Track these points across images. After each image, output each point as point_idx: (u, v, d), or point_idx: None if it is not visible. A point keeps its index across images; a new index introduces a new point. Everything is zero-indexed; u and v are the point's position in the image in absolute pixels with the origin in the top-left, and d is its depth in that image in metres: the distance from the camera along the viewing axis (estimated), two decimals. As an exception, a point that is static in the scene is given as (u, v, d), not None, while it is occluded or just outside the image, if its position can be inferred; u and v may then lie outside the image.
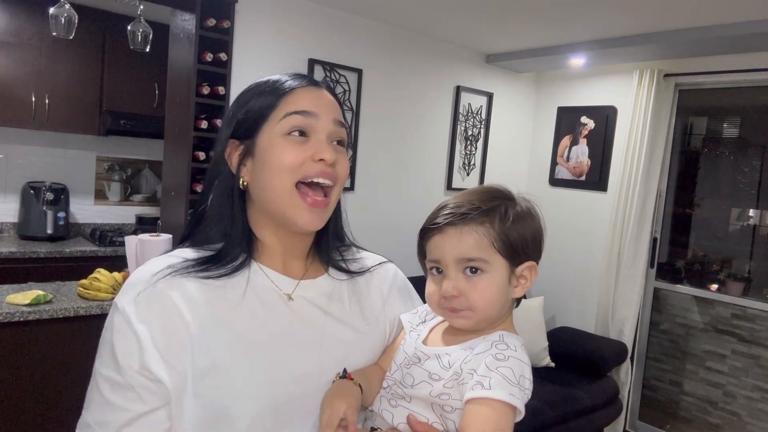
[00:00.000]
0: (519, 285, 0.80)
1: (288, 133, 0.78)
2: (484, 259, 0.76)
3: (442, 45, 3.47)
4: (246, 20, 2.66)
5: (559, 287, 3.84)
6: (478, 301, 0.77)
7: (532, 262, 0.80)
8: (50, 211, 3.30)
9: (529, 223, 0.80)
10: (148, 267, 0.78)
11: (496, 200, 0.79)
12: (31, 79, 3.19)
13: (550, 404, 2.79)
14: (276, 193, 0.78)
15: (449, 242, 0.78)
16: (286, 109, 0.79)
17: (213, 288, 0.77)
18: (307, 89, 0.82)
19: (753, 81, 3.06)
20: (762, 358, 3.14)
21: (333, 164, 0.80)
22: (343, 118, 0.86)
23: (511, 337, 0.78)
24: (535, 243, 0.80)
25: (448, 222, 0.77)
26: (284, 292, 0.82)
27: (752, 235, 3.33)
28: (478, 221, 0.76)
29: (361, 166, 3.19)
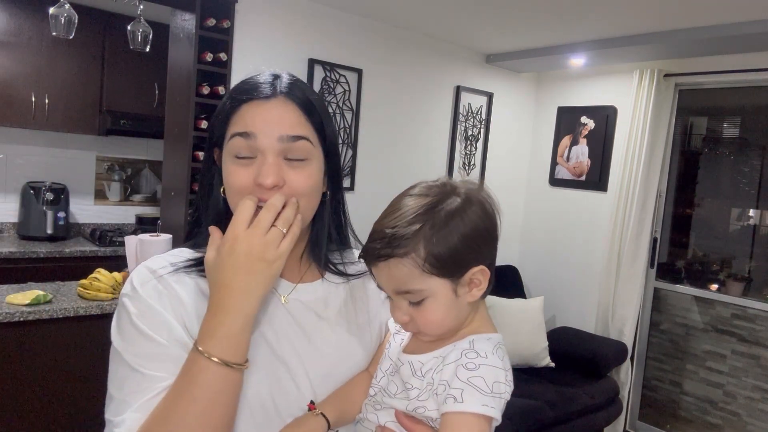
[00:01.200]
0: (471, 291, 0.75)
1: (235, 156, 0.76)
2: (418, 289, 0.72)
3: (442, 45, 3.47)
4: (246, 20, 2.66)
5: (559, 287, 3.84)
6: (427, 326, 0.75)
7: (479, 266, 0.74)
8: (50, 211, 3.30)
9: (461, 228, 0.72)
10: (151, 263, 0.79)
11: (420, 217, 0.71)
12: (31, 79, 3.19)
13: (550, 404, 2.79)
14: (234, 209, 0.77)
15: (382, 277, 0.75)
16: (232, 129, 0.77)
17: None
18: (251, 105, 0.77)
19: (753, 81, 3.06)
20: (762, 358, 3.14)
21: (277, 186, 0.75)
22: (305, 127, 0.78)
23: (482, 341, 0.76)
24: (473, 246, 0.73)
25: (375, 258, 0.73)
26: (281, 295, 0.82)
27: (752, 235, 3.33)
28: (401, 253, 0.71)
29: (361, 166, 3.18)
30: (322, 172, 0.81)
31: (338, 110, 3.02)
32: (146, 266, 0.79)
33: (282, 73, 0.82)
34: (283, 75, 0.81)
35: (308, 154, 0.78)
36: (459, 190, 0.75)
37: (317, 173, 0.80)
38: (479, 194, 0.77)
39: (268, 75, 0.80)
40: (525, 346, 3.22)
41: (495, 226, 0.77)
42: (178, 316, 0.75)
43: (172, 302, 0.75)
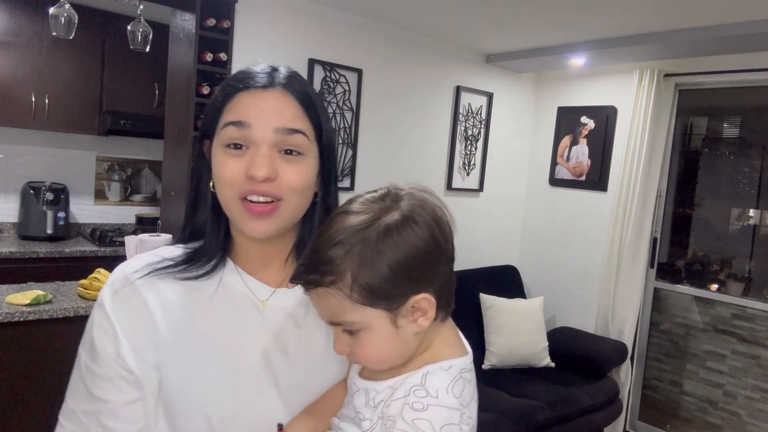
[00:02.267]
0: (416, 321, 0.66)
1: (227, 145, 0.73)
2: (350, 321, 0.64)
3: (442, 45, 3.47)
4: (246, 20, 2.66)
5: (559, 287, 3.84)
6: (367, 359, 0.67)
7: (421, 295, 0.65)
8: (50, 211, 3.30)
9: (394, 253, 0.62)
10: (127, 265, 0.78)
11: (348, 238, 0.63)
12: (31, 79, 3.19)
13: (550, 404, 2.79)
14: (224, 203, 0.75)
15: (316, 304, 0.68)
16: (226, 117, 0.74)
17: (190, 289, 0.77)
18: (248, 93, 0.74)
19: (753, 81, 3.06)
20: (762, 358, 3.14)
21: (269, 179, 0.71)
22: (302, 121, 0.75)
23: (437, 374, 0.66)
24: (409, 274, 0.63)
25: (303, 284, 0.66)
26: (258, 299, 0.79)
27: (752, 235, 3.33)
28: (327, 281, 0.63)
29: (361, 166, 3.18)
30: (316, 171, 0.78)
31: (338, 110, 3.02)
32: (122, 270, 0.78)
33: (280, 66, 0.79)
34: (281, 68, 0.78)
35: (304, 149, 0.75)
36: (400, 203, 0.66)
37: (311, 170, 0.77)
38: (424, 207, 0.67)
39: (265, 66, 0.78)
40: (525, 346, 3.22)
41: (440, 245, 0.68)
42: (138, 325, 0.74)
43: (134, 311, 0.74)
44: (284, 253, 0.82)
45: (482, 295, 3.35)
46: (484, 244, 3.91)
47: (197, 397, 0.73)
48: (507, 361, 3.21)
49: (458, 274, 2.84)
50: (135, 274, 0.76)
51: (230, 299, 0.78)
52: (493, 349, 3.23)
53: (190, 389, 0.73)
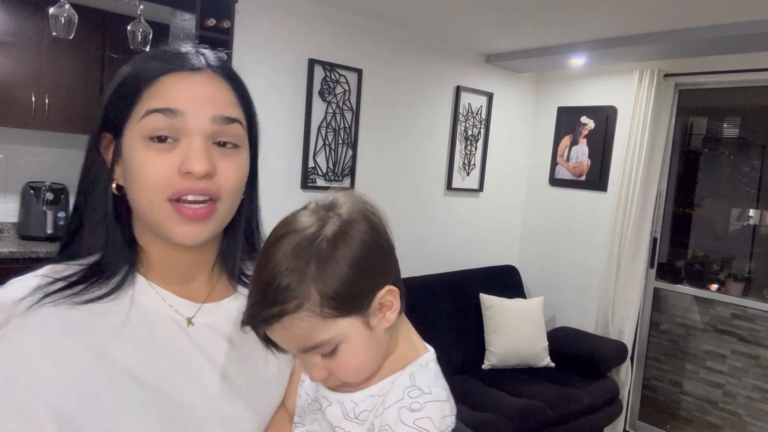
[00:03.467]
0: (385, 315, 0.65)
1: (150, 138, 0.61)
2: (326, 339, 0.61)
3: (442, 45, 3.47)
4: (246, 20, 2.66)
5: (559, 287, 3.84)
6: (351, 374, 0.65)
7: (385, 288, 0.64)
8: (50, 211, 3.30)
9: (349, 253, 0.61)
10: (9, 291, 0.62)
11: (300, 257, 0.60)
12: (31, 79, 3.19)
13: (550, 404, 2.79)
14: (145, 207, 0.63)
15: (280, 338, 0.63)
16: (147, 104, 0.61)
17: (92, 315, 0.62)
18: (176, 76, 0.62)
19: (753, 81, 3.06)
20: (762, 358, 3.14)
21: (208, 176, 0.62)
22: (237, 109, 0.66)
23: (422, 371, 0.67)
24: (369, 269, 0.62)
25: (263, 322, 0.61)
26: (183, 317, 0.68)
27: (752, 235, 3.33)
28: (292, 307, 0.59)
29: (361, 166, 3.18)
30: (248, 168, 0.69)
31: (338, 110, 3.02)
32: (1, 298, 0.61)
33: (201, 46, 0.69)
34: (204, 48, 0.68)
35: (240, 140, 0.66)
36: (334, 210, 0.64)
37: (246, 165, 0.68)
38: (357, 207, 0.65)
39: (188, 46, 0.67)
40: (525, 346, 3.22)
41: (385, 237, 0.66)
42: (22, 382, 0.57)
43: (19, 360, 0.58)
44: (205, 260, 0.72)
45: (482, 295, 3.35)
46: (484, 244, 3.91)
47: None
48: (507, 361, 3.21)
49: (458, 274, 2.89)
50: (18, 304, 0.59)
51: (148, 322, 0.65)
52: (493, 349, 3.23)
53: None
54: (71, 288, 0.62)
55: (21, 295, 0.61)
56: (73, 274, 0.64)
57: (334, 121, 3.00)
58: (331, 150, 3.01)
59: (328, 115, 2.97)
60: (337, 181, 3.03)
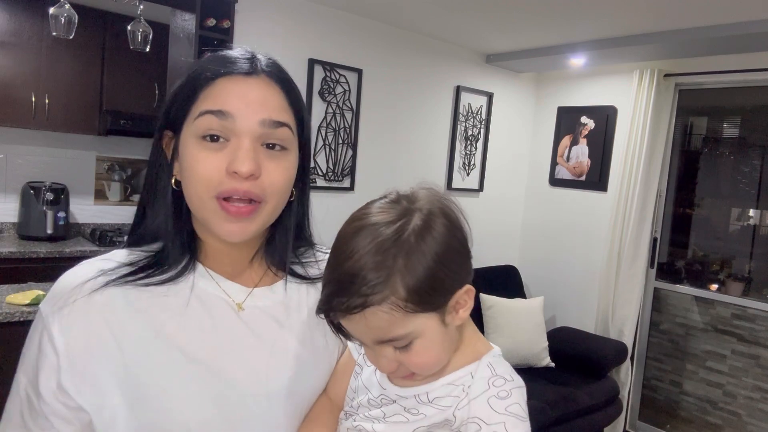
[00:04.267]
0: (459, 313, 0.66)
1: (202, 137, 0.65)
2: (404, 333, 0.62)
3: (442, 45, 3.47)
4: (246, 20, 2.66)
5: (559, 287, 3.84)
6: (422, 368, 0.65)
7: (465, 287, 0.65)
8: (50, 211, 3.30)
9: (434, 248, 0.61)
10: (77, 273, 0.68)
11: (388, 250, 0.60)
12: (31, 79, 3.19)
13: (550, 404, 2.79)
14: (194, 203, 0.67)
15: (357, 329, 0.64)
16: (202, 105, 0.65)
17: (153, 296, 0.68)
18: (230, 79, 0.67)
19: (753, 81, 3.06)
20: (762, 358, 3.14)
21: (253, 176, 0.65)
22: (287, 113, 0.69)
23: (499, 362, 0.69)
24: (451, 266, 0.63)
25: (344, 311, 0.62)
26: (234, 301, 0.72)
27: (752, 235, 3.33)
28: (377, 299, 0.59)
29: (361, 166, 3.18)
30: (296, 169, 0.72)
31: (338, 110, 3.02)
32: (69, 280, 0.67)
33: (258, 52, 0.73)
34: (260, 54, 0.72)
35: (288, 143, 0.69)
36: (417, 204, 0.64)
37: (293, 168, 0.71)
38: (440, 201, 0.66)
39: (244, 50, 0.71)
40: (525, 346, 3.22)
41: (466, 235, 0.66)
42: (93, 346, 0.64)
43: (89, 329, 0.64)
44: (252, 249, 0.76)
45: (482, 295, 3.35)
46: (484, 244, 3.91)
47: (180, 416, 0.65)
48: (507, 361, 3.21)
49: (458, 274, 2.72)
50: (87, 284, 0.66)
51: (203, 304, 0.70)
52: (493, 349, 3.23)
53: (170, 409, 0.65)
54: (135, 274, 0.67)
55: (87, 277, 0.66)
56: (137, 260, 0.69)
57: (334, 121, 3.00)
58: (331, 150, 3.01)
59: (328, 115, 2.97)
60: (337, 180, 3.03)
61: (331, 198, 3.00)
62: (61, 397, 0.64)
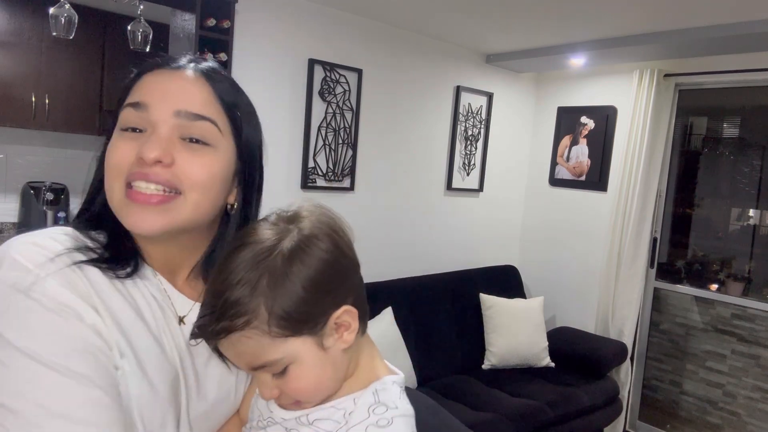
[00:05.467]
0: (342, 336, 0.62)
1: (122, 129, 0.65)
2: (274, 359, 0.59)
3: (442, 45, 3.47)
4: (246, 20, 2.66)
5: (559, 287, 3.83)
6: (301, 393, 0.62)
7: (342, 308, 0.61)
8: (50, 211, 3.30)
9: (303, 272, 0.58)
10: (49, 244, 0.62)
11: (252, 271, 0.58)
12: (31, 79, 3.19)
13: (550, 404, 2.79)
14: (109, 194, 0.65)
15: (230, 354, 0.61)
16: (129, 99, 0.66)
17: (124, 284, 0.66)
18: (154, 74, 0.66)
19: (753, 81, 3.06)
20: (762, 358, 3.14)
21: (163, 164, 0.62)
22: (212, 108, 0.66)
23: (386, 389, 0.65)
24: (325, 289, 0.60)
25: (212, 336, 0.59)
26: (178, 314, 0.70)
27: (752, 235, 3.33)
28: (239, 324, 0.57)
29: (361, 166, 3.18)
30: (228, 171, 0.68)
31: (338, 110, 3.02)
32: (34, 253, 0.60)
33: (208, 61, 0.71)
34: (208, 62, 0.71)
35: (212, 139, 0.66)
36: (296, 223, 0.62)
37: (218, 166, 0.66)
38: (320, 221, 0.63)
39: (191, 55, 0.71)
40: (525, 346, 3.22)
41: (347, 254, 0.63)
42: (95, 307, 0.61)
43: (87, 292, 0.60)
44: (191, 260, 0.72)
45: (482, 295, 3.35)
46: (484, 244, 3.91)
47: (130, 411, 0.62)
48: (507, 361, 3.21)
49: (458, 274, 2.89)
50: (61, 257, 0.60)
51: (154, 308, 0.67)
52: (493, 349, 3.23)
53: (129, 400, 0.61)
54: (102, 262, 0.64)
55: (57, 251, 0.61)
56: (97, 247, 0.66)
57: (334, 121, 3.00)
58: (331, 150, 3.01)
59: (328, 115, 2.97)
60: (337, 181, 3.03)
61: (331, 198, 3.00)
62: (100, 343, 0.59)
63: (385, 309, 2.85)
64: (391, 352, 2.75)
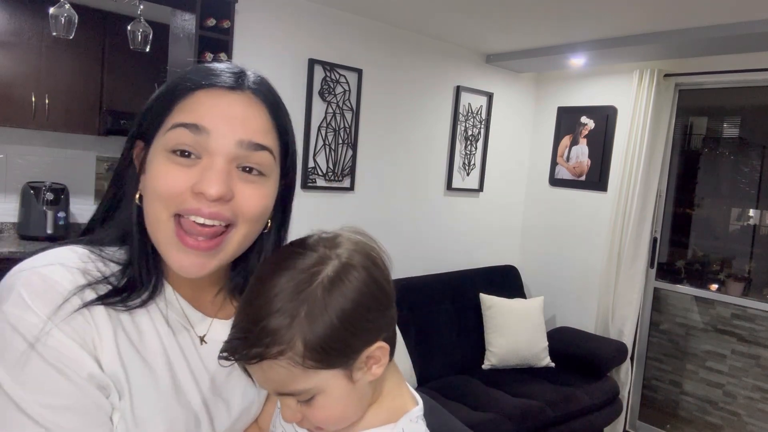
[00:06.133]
0: (371, 369, 0.62)
1: (172, 151, 0.59)
2: (303, 389, 0.59)
3: (442, 45, 3.47)
4: (246, 20, 2.66)
5: (559, 287, 3.84)
6: (325, 422, 0.62)
7: (376, 345, 0.60)
8: (50, 211, 3.30)
9: (342, 304, 0.57)
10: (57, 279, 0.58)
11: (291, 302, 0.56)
12: (31, 79, 3.19)
13: (550, 404, 2.79)
14: (151, 222, 0.61)
15: (258, 378, 0.61)
16: (176, 118, 0.60)
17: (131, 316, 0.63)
18: (210, 92, 0.60)
19: (753, 81, 3.06)
20: (762, 358, 3.14)
21: (223, 200, 0.59)
22: (271, 137, 0.63)
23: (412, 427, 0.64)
24: (361, 323, 0.58)
25: (244, 359, 0.59)
26: (197, 334, 0.68)
27: (752, 235, 3.33)
28: (273, 353, 0.56)
29: (361, 166, 3.18)
30: (275, 196, 0.66)
31: (338, 110, 3.02)
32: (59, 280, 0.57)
33: (248, 68, 0.67)
34: (249, 70, 0.66)
35: (267, 169, 0.63)
36: (336, 250, 0.60)
37: (272, 195, 0.65)
38: (362, 249, 0.61)
39: (233, 65, 0.65)
40: (525, 346, 3.22)
41: (384, 287, 0.61)
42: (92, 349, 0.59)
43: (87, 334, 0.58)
44: (216, 277, 0.70)
45: (482, 295, 3.35)
46: (484, 244, 3.91)
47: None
48: (507, 361, 3.21)
49: (458, 274, 2.90)
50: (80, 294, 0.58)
51: (173, 330, 0.66)
52: (493, 349, 3.23)
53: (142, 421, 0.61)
54: (116, 295, 0.61)
55: (71, 286, 0.58)
56: (112, 275, 0.62)
57: (334, 121, 3.00)
58: (331, 150, 3.01)
59: (328, 115, 2.97)
60: (337, 181, 3.03)
61: (331, 198, 3.00)
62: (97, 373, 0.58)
63: (385, 309, 2.85)
64: (391, 352, 2.75)
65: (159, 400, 0.63)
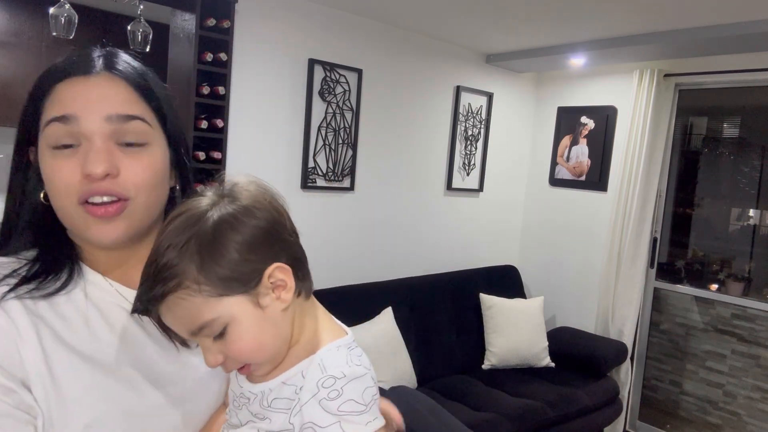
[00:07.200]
0: (279, 296, 0.63)
1: (54, 147, 0.63)
2: (210, 319, 0.60)
3: (442, 45, 3.47)
4: (246, 20, 2.66)
5: (559, 287, 3.84)
6: (247, 356, 0.63)
7: (274, 265, 0.62)
8: (50, 211, 3.30)
9: (230, 235, 0.60)
10: None
11: (181, 234, 0.60)
12: (31, 79, 3.15)
13: (550, 404, 2.79)
14: (62, 214, 0.65)
15: (170, 322, 0.62)
16: (48, 114, 0.64)
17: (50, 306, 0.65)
18: (68, 82, 0.64)
19: (753, 81, 3.06)
20: (762, 358, 3.14)
21: (110, 176, 0.62)
22: (139, 106, 0.66)
23: (331, 355, 0.65)
24: (255, 249, 0.61)
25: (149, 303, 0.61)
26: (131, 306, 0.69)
27: (752, 235, 3.33)
28: (172, 286, 0.58)
29: (361, 166, 3.18)
30: (165, 161, 0.69)
31: (338, 110, 3.02)
32: None
33: (108, 48, 0.71)
34: (107, 50, 0.70)
35: (146, 137, 0.66)
36: (231, 195, 0.63)
37: (159, 162, 0.68)
38: (255, 193, 0.65)
39: (89, 50, 0.69)
40: (525, 346, 3.22)
41: (278, 220, 0.64)
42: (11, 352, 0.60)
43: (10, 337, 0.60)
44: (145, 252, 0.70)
45: (482, 295, 3.35)
46: (484, 244, 3.91)
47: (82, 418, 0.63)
48: (507, 361, 3.21)
49: (458, 274, 2.90)
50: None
51: (102, 312, 0.67)
52: (493, 349, 3.23)
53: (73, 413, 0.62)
54: (28, 283, 0.64)
55: None
56: (21, 268, 0.65)
57: (334, 121, 3.00)
58: (331, 150, 3.01)
59: (328, 115, 2.97)
60: (337, 181, 3.03)
61: (331, 198, 3.00)
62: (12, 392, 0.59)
63: (385, 309, 2.86)
64: (391, 352, 2.75)
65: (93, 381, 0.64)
